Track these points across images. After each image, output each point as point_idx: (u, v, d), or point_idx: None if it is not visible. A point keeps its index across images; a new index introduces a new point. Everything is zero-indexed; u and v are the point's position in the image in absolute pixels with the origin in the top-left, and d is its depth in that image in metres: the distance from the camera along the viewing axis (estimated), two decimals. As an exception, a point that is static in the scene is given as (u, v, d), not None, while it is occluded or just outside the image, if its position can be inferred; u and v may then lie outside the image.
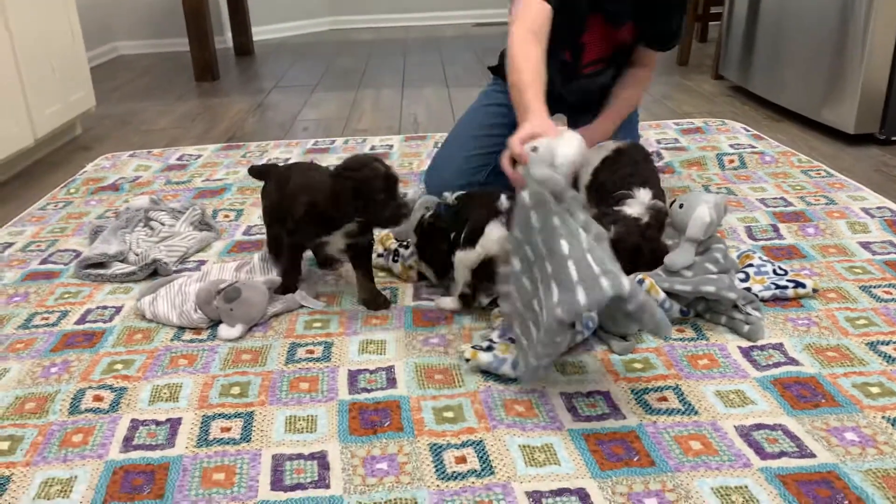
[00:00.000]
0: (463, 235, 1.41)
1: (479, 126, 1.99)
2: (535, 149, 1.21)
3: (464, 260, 1.40)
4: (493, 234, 1.36)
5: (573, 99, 1.94)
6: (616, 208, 1.50)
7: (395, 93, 3.52)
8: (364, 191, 1.36)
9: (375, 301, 1.49)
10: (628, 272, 1.42)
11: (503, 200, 1.40)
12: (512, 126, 1.96)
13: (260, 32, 5.30)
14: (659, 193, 1.57)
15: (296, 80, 3.92)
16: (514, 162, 1.27)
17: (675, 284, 1.38)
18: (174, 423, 1.17)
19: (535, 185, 1.15)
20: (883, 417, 1.12)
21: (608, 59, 1.89)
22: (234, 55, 4.73)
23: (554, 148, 1.20)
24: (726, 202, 1.50)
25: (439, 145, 2.43)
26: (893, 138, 2.41)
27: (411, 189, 1.76)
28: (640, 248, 1.44)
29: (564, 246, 1.08)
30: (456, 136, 2.03)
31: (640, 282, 1.36)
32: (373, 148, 2.59)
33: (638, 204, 1.50)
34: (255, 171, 1.71)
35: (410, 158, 2.46)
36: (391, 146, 2.60)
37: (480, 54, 4.46)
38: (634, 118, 2.14)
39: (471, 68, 4.04)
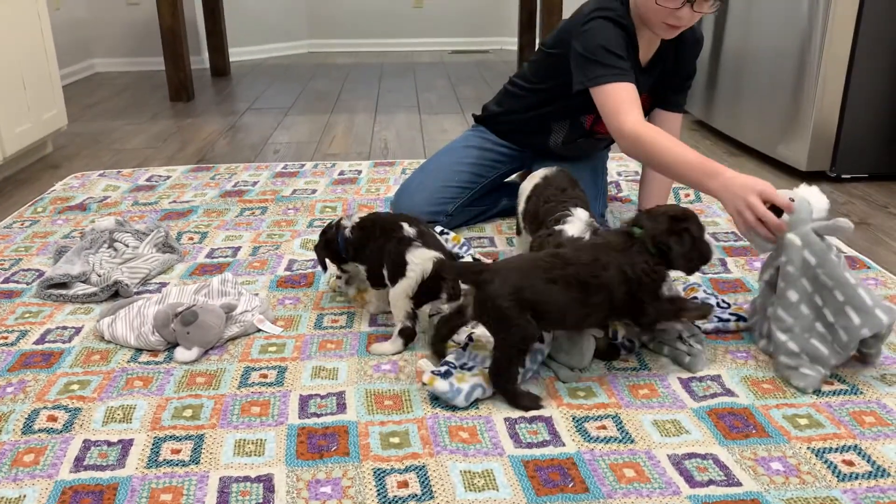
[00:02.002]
0: (387, 275, 1.46)
1: (458, 162, 2.11)
2: (792, 199, 1.37)
3: (400, 292, 1.44)
4: (418, 258, 1.42)
5: (569, 153, 2.04)
6: (557, 227, 1.55)
7: (368, 118, 3.58)
8: None
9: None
10: None
11: (407, 228, 1.47)
12: (489, 169, 2.08)
13: (238, 53, 5.35)
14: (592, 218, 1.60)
15: (270, 102, 3.97)
16: (774, 210, 1.38)
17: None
18: (126, 445, 1.19)
19: (802, 228, 1.34)
20: (808, 448, 1.17)
21: None
22: (210, 75, 4.76)
23: (807, 198, 1.37)
24: None
25: (407, 172, 2.50)
26: (843, 176, 2.50)
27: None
28: None
29: (850, 277, 1.32)
30: (436, 166, 2.13)
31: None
32: (342, 173, 2.63)
33: (578, 222, 1.55)
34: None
35: (378, 184, 2.51)
36: (360, 171, 2.65)
37: (454, 82, 4.54)
38: (605, 156, 2.22)
39: (444, 95, 4.11)
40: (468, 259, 1.77)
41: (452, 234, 1.88)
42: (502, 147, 2.10)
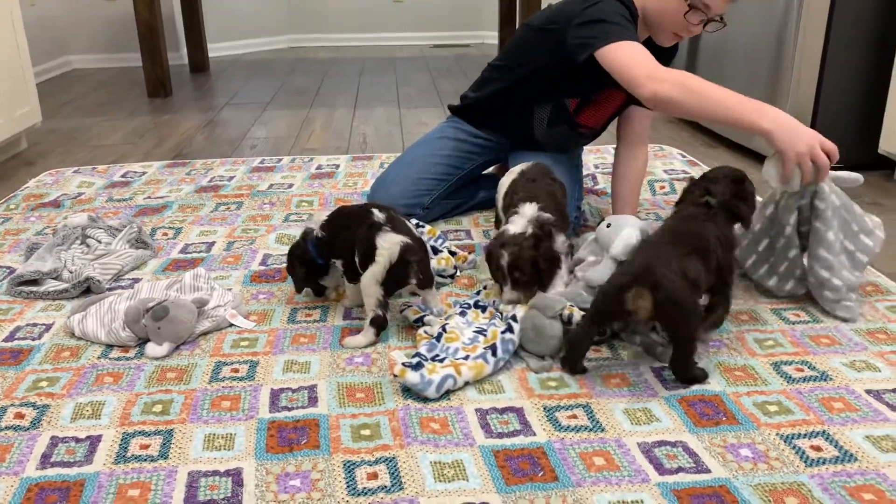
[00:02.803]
0: (358, 262, 1.46)
1: (434, 154, 2.08)
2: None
3: (370, 278, 1.43)
4: (387, 242, 1.42)
5: (546, 142, 2.03)
6: (503, 227, 1.56)
7: (347, 112, 3.56)
8: None
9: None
10: (532, 285, 1.49)
11: (377, 214, 1.47)
12: (465, 160, 2.07)
13: (217, 49, 5.31)
14: (549, 206, 1.59)
15: (249, 97, 3.94)
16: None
17: None
18: (94, 441, 1.18)
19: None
20: (777, 434, 1.18)
21: (598, 129, 2.04)
22: (188, 71, 4.73)
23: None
24: (653, 228, 1.56)
25: (385, 166, 2.49)
26: (819, 166, 2.51)
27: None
28: (535, 262, 1.50)
29: (856, 207, 1.57)
30: (412, 158, 2.10)
31: (568, 316, 1.41)
32: (319, 167, 2.62)
33: (520, 219, 1.55)
34: None
35: (356, 178, 2.50)
36: (337, 166, 2.64)
37: (434, 75, 4.53)
38: (581, 150, 2.22)
39: (424, 89, 4.10)
40: (444, 252, 1.76)
41: (428, 227, 1.88)
42: (478, 138, 2.09)
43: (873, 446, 1.14)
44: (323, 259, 1.57)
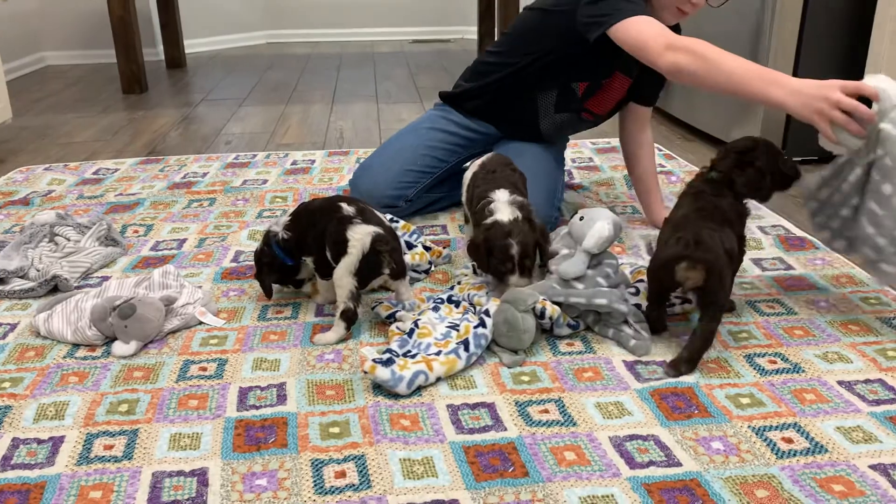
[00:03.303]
0: (330, 256, 1.43)
1: (423, 145, 2.03)
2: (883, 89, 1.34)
3: (343, 270, 1.42)
4: (359, 233, 1.41)
5: (548, 130, 1.99)
6: (490, 220, 1.51)
7: (325, 107, 3.53)
8: None
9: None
10: (529, 269, 1.48)
11: (346, 207, 1.45)
12: (452, 153, 2.04)
13: (194, 45, 5.26)
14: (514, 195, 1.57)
15: (225, 93, 3.90)
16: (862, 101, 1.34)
17: (570, 297, 1.42)
18: (56, 442, 1.15)
19: (894, 115, 1.33)
20: (749, 427, 1.17)
21: (602, 116, 2.01)
22: (165, 67, 4.68)
23: (882, 86, 1.35)
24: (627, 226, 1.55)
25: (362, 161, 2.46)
26: (794, 158, 2.51)
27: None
28: (537, 244, 1.50)
29: None
30: (401, 147, 2.05)
31: (540, 310, 1.40)
32: (294, 163, 2.59)
33: (503, 206, 1.52)
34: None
35: (331, 174, 2.47)
36: (313, 161, 2.61)
37: (414, 70, 4.51)
38: (564, 146, 2.20)
39: (403, 84, 4.08)
40: (419, 248, 1.74)
41: (402, 222, 1.86)
42: (468, 130, 2.04)
43: (844, 437, 1.14)
44: (292, 259, 1.54)
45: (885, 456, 1.10)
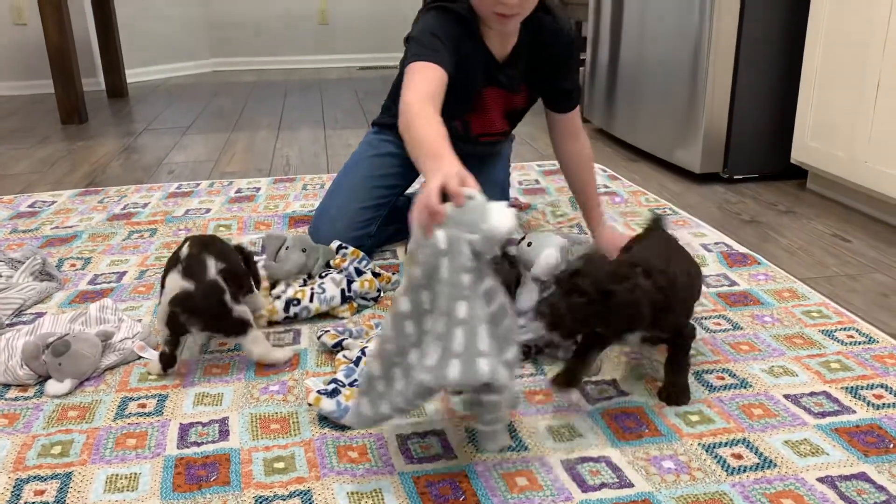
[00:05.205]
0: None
1: (371, 176, 1.96)
2: (470, 197, 1.05)
3: (158, 315, 1.38)
4: (169, 285, 1.36)
5: (465, 155, 1.93)
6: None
7: (271, 134, 3.49)
8: None
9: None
10: None
11: (184, 249, 1.39)
12: (402, 177, 1.98)
13: (139, 74, 5.18)
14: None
15: (168, 121, 3.83)
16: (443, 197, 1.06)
17: (522, 338, 1.39)
18: (-17, 490, 1.09)
19: (457, 231, 1.02)
20: (699, 444, 1.17)
21: (502, 133, 1.95)
22: (106, 97, 4.58)
23: (488, 209, 1.04)
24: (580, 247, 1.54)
25: (308, 188, 2.43)
26: (736, 177, 2.58)
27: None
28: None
29: (461, 309, 0.99)
30: (350, 185, 1.97)
31: None
32: (239, 191, 2.55)
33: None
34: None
35: (277, 201, 2.44)
36: (258, 189, 2.57)
37: (361, 96, 4.50)
38: (507, 152, 2.19)
39: (350, 111, 4.06)
40: (368, 274, 1.71)
41: (351, 248, 1.83)
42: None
43: (792, 451, 1.15)
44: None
45: (833, 468, 1.11)
